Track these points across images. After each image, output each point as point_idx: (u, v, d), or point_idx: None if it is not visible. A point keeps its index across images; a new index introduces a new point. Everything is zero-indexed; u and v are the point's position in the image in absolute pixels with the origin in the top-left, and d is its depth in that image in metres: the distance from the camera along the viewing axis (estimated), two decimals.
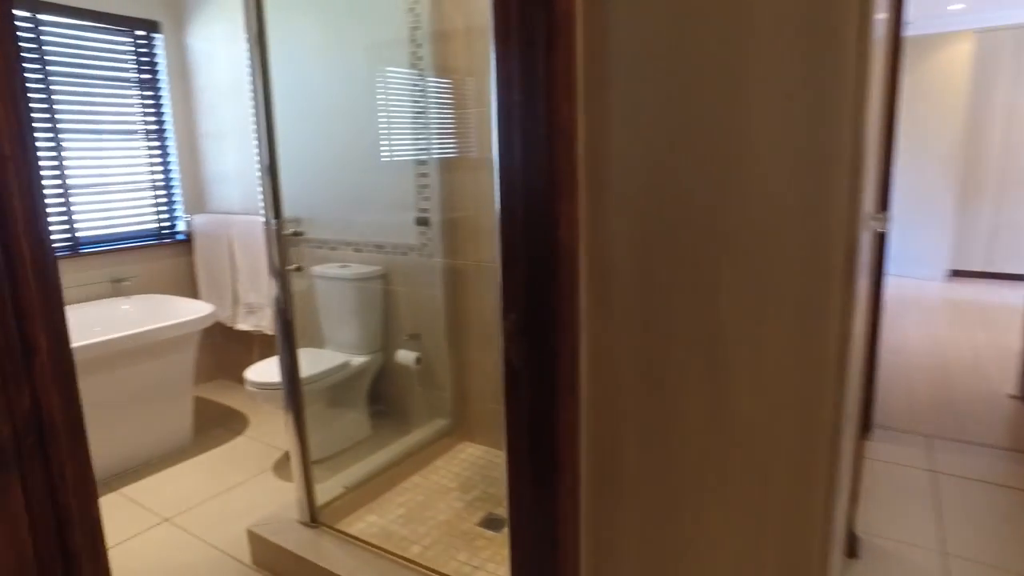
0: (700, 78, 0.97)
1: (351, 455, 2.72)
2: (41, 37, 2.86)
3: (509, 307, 1.18)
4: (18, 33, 0.85)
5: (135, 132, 3.23)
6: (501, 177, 1.12)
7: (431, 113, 2.55)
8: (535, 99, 1.04)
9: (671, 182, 1.02)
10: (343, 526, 2.09)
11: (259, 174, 1.87)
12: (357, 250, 2.85)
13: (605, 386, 1.19)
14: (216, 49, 3.19)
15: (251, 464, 2.68)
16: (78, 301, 3.04)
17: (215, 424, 3.07)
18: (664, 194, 1.03)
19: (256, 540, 2.00)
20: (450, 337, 2.71)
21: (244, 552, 2.06)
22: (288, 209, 3.11)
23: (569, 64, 1.04)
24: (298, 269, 1.91)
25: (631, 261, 1.10)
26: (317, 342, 2.98)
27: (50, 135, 2.93)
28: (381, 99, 2.61)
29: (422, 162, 2.60)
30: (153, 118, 3.29)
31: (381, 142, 2.67)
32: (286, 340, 2.00)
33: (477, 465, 2.59)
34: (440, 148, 2.57)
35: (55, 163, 2.96)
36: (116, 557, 2.07)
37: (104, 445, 2.52)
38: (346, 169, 2.81)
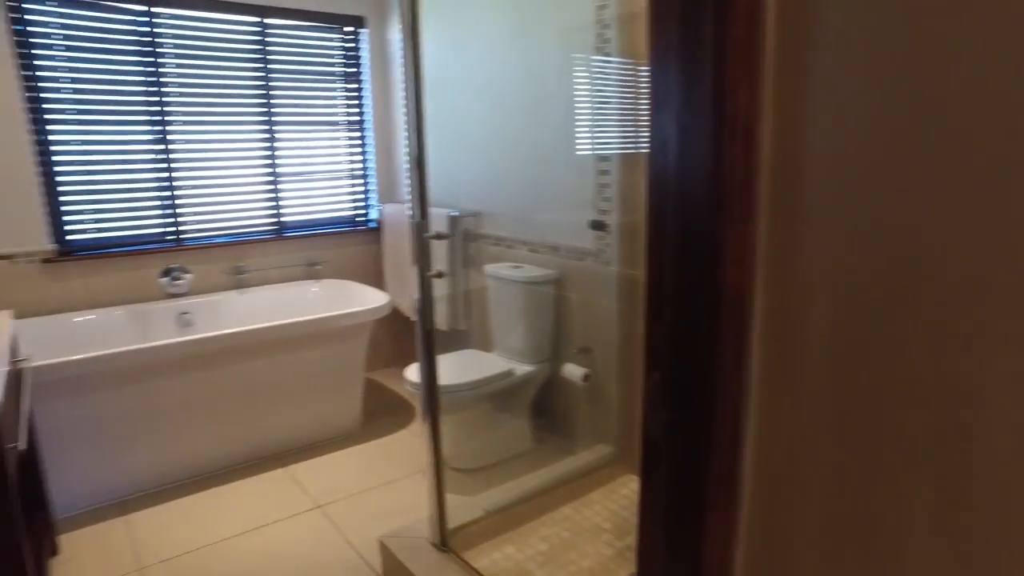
0: (969, 49, 0.58)
1: (504, 469, 2.56)
2: (266, 39, 3.09)
3: (653, 363, 0.88)
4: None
5: (337, 123, 3.39)
6: (650, 188, 0.82)
7: (617, 103, 2.27)
8: (699, 79, 0.73)
9: (906, 200, 0.64)
10: (475, 554, 1.92)
11: (407, 167, 1.74)
12: (532, 250, 2.67)
13: (777, 485, 0.83)
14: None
15: (409, 461, 2.64)
16: (279, 281, 3.27)
17: (384, 413, 3.12)
18: (891, 217, 0.66)
19: (386, 552, 1.92)
20: (623, 355, 2.41)
21: (376, 560, 2.00)
22: (466, 202, 3.05)
23: (752, 30, 0.71)
24: (439, 275, 1.76)
25: (832, 313, 0.73)
26: (485, 344, 2.87)
27: (265, 127, 3.16)
28: (564, 87, 2.38)
29: (604, 158, 2.33)
30: (355, 110, 3.42)
31: (563, 134, 2.45)
32: (426, 347, 1.87)
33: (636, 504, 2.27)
34: (624, 142, 2.27)
35: (268, 153, 3.20)
36: (265, 538, 2.13)
37: (278, 422, 2.66)
38: (525, 162, 2.64)
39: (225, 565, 2.00)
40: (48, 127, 2.66)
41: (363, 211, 3.56)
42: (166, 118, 2.90)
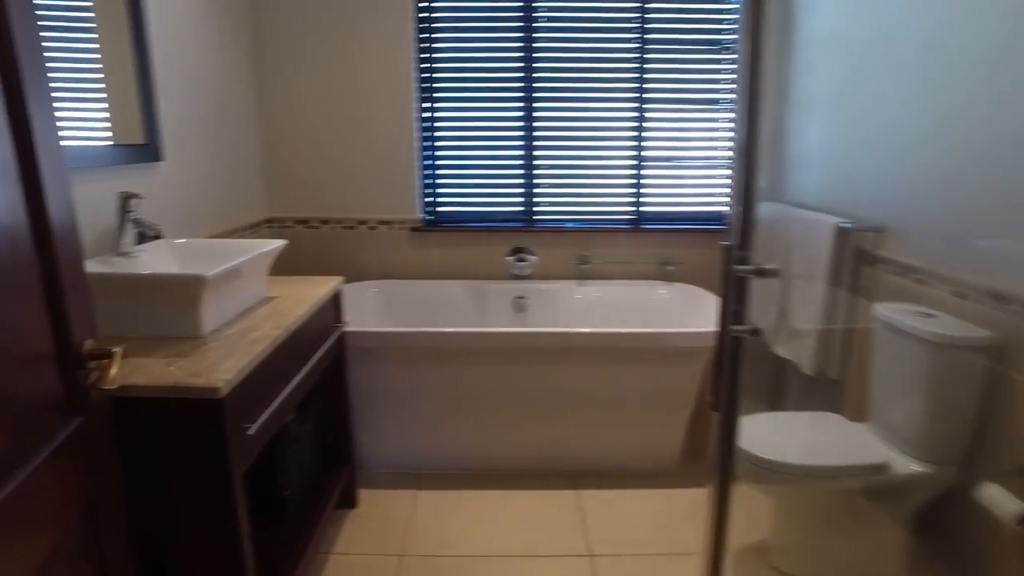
0: None
1: None
2: (646, 4, 2.75)
3: None
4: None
5: (718, 102, 2.86)
6: None
7: None
8: None
9: None
10: None
11: (733, 157, 1.18)
12: (959, 295, 1.77)
13: None
14: None
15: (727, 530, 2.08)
16: (623, 277, 2.97)
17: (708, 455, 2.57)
18: None
19: None
20: None
21: None
22: (866, 209, 2.20)
23: None
24: (752, 333, 1.16)
25: None
26: (856, 410, 2.07)
27: (635, 105, 2.85)
28: None
29: None
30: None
31: None
32: (726, 426, 1.30)
33: None
34: None
35: (635, 134, 2.88)
36: (524, 573, 1.88)
37: (584, 436, 2.38)
38: (977, 158, 1.73)
39: None
40: (433, 104, 2.84)
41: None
42: (534, 95, 2.83)
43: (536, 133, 2.87)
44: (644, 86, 2.82)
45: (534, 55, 2.79)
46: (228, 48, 2.46)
